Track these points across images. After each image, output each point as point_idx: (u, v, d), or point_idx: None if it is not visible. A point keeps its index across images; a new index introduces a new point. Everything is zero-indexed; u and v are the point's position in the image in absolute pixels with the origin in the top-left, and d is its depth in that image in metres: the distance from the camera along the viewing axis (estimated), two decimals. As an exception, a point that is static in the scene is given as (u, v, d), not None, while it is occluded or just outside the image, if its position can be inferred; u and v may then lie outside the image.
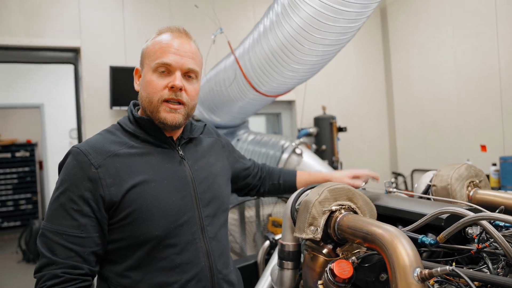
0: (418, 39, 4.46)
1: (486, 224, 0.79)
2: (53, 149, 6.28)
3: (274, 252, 1.75)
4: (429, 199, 1.23)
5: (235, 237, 2.74)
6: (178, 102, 1.05)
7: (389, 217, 1.11)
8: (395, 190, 1.33)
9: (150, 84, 1.04)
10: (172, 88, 1.03)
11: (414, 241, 0.81)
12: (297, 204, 1.14)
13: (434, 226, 0.95)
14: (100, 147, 1.00)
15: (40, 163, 7.25)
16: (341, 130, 4.31)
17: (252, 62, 2.05)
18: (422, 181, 1.33)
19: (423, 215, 0.93)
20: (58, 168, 1.01)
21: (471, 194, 1.19)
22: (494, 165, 3.42)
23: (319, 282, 0.95)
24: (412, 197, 1.28)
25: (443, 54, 4.12)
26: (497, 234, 0.77)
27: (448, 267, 0.69)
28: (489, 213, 0.79)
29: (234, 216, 2.86)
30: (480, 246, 0.84)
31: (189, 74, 1.07)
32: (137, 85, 1.13)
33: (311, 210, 0.99)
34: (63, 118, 6.25)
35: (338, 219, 0.97)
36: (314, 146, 4.07)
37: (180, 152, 1.11)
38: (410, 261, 0.71)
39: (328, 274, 0.89)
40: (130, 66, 3.51)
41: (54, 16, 3.32)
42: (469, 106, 3.86)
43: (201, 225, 1.06)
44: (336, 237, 0.98)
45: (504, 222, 0.85)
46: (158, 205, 0.99)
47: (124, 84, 3.41)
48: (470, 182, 1.21)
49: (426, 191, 1.30)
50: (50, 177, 6.36)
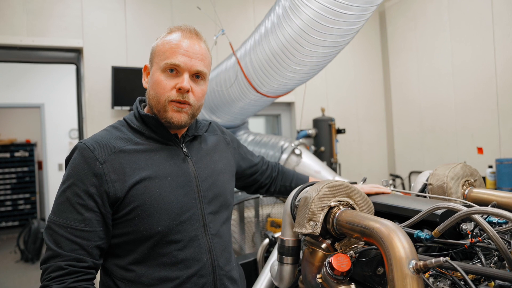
0: (416, 43, 4.50)
1: (479, 218, 0.82)
2: (52, 149, 6.29)
3: (274, 249, 1.78)
4: (425, 197, 1.26)
5: (234, 236, 2.76)
6: (184, 102, 1.06)
7: (386, 213, 1.13)
8: (392, 188, 1.36)
9: (159, 84, 1.05)
10: (179, 89, 1.04)
11: (410, 236, 0.84)
12: (297, 200, 1.17)
13: (430, 222, 0.97)
14: (105, 143, 1.01)
15: (39, 163, 7.26)
16: (339, 132, 4.34)
17: (253, 63, 2.08)
18: (419, 180, 1.36)
19: (419, 212, 0.96)
20: (65, 162, 1.03)
21: (466, 192, 1.22)
22: (491, 167, 3.46)
23: (318, 275, 0.98)
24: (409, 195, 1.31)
25: (441, 58, 4.16)
26: (489, 228, 0.79)
27: (442, 259, 0.71)
28: (481, 207, 0.81)
29: (233, 215, 2.89)
30: (473, 240, 0.87)
31: (197, 75, 1.08)
32: (145, 82, 1.13)
33: (311, 206, 1.01)
34: (63, 118, 6.26)
35: (337, 215, 1.00)
36: (313, 148, 4.10)
37: (184, 149, 1.12)
38: (406, 253, 0.74)
39: (326, 268, 0.92)
40: (132, 67, 3.54)
41: (57, 16, 3.34)
42: (466, 110, 3.90)
43: (203, 221, 1.07)
44: (334, 232, 1.01)
45: (496, 217, 0.88)
46: (161, 201, 1.00)
47: (125, 84, 3.44)
48: (465, 181, 1.24)
49: (423, 190, 1.33)
50: (49, 177, 6.36)
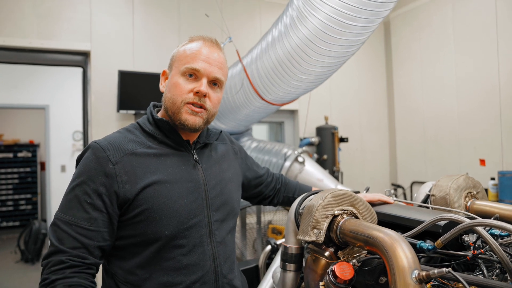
0: (420, 54, 4.52)
1: (482, 231, 0.83)
2: (55, 150, 6.31)
3: (276, 256, 1.78)
4: (427, 208, 1.26)
5: (236, 242, 2.77)
6: (200, 106, 1.08)
7: (389, 223, 1.14)
8: (395, 199, 1.37)
9: (177, 86, 1.07)
10: (197, 93, 1.07)
11: (413, 246, 0.85)
12: (301, 208, 1.18)
13: (432, 233, 0.98)
14: (118, 145, 1.03)
15: (42, 164, 7.29)
16: (342, 140, 4.36)
17: (259, 71, 2.10)
18: (422, 191, 1.37)
19: (422, 222, 0.97)
20: (76, 161, 1.04)
21: (469, 204, 1.23)
22: (493, 179, 3.46)
23: (321, 283, 0.98)
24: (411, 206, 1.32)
25: (445, 69, 4.18)
26: (492, 240, 0.80)
27: (444, 269, 0.72)
28: (484, 219, 0.83)
29: (235, 221, 2.89)
30: (475, 252, 0.88)
31: (214, 82, 1.11)
32: (162, 86, 1.16)
33: (315, 214, 1.02)
34: (67, 120, 6.29)
35: (340, 223, 1.01)
36: (316, 156, 4.11)
37: (195, 155, 1.13)
38: (409, 263, 0.75)
39: (329, 276, 0.93)
40: (138, 71, 3.57)
41: (66, 19, 3.39)
42: (469, 121, 3.91)
43: (209, 228, 1.08)
44: (338, 240, 1.02)
45: (498, 229, 0.89)
46: (170, 205, 1.02)
47: (131, 88, 3.47)
48: (468, 193, 1.25)
49: (425, 201, 1.33)
50: (52, 178, 6.38)
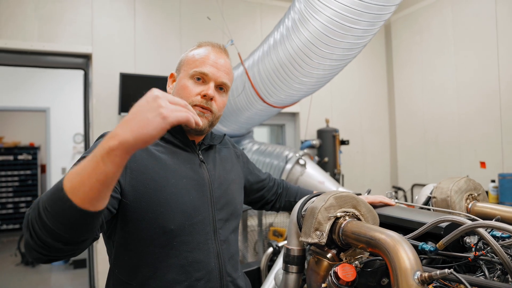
0: (421, 57, 4.54)
1: (483, 232, 0.84)
2: (56, 153, 6.32)
3: (277, 258, 1.79)
4: (429, 210, 1.27)
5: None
6: (206, 108, 1.11)
7: (391, 225, 1.15)
8: (396, 201, 1.37)
9: (185, 88, 1.10)
10: (204, 96, 1.09)
11: (415, 248, 0.85)
12: (303, 210, 1.19)
13: (434, 234, 0.99)
14: None
15: (42, 167, 7.29)
16: (343, 143, 4.36)
17: (261, 73, 2.11)
18: (423, 193, 1.37)
19: (424, 224, 0.98)
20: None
21: (470, 206, 1.23)
22: (493, 181, 3.46)
23: (323, 285, 0.99)
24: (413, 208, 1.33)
25: (445, 71, 4.20)
26: (493, 241, 0.81)
27: (447, 270, 0.73)
28: (485, 221, 0.83)
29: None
30: (477, 253, 0.88)
31: (221, 86, 1.14)
32: (169, 88, 1.19)
33: (317, 216, 1.03)
34: (68, 123, 6.30)
35: (343, 225, 1.01)
36: (317, 158, 4.12)
37: (200, 156, 1.16)
38: (411, 264, 0.75)
39: (332, 277, 0.93)
40: (140, 74, 3.59)
41: (68, 22, 3.40)
42: (469, 124, 3.92)
43: (214, 227, 1.10)
44: (340, 242, 1.02)
45: (500, 231, 0.89)
46: (176, 199, 1.03)
47: (133, 91, 3.48)
48: (469, 195, 1.26)
49: (427, 203, 1.34)
50: (52, 181, 6.38)
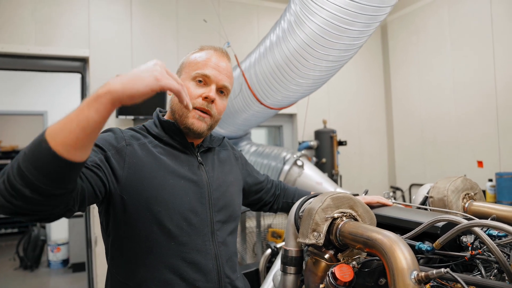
0: (418, 57, 4.55)
1: (479, 231, 0.84)
2: (54, 156, 6.30)
3: (276, 259, 1.79)
4: (426, 210, 1.28)
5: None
6: (206, 112, 1.12)
7: (388, 225, 1.15)
8: (393, 201, 1.38)
9: (186, 90, 1.11)
10: (205, 98, 1.10)
11: (411, 247, 0.86)
12: (300, 211, 1.19)
13: (431, 234, 0.99)
14: (133, 134, 1.08)
15: (40, 170, 7.27)
16: (341, 144, 4.37)
17: (258, 75, 2.12)
18: (420, 193, 1.38)
19: (420, 224, 0.98)
20: None
21: (467, 205, 1.24)
22: (490, 180, 3.48)
23: (321, 285, 0.99)
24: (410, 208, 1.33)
25: (442, 71, 4.21)
26: (489, 241, 0.81)
27: (443, 270, 0.73)
28: (481, 220, 0.84)
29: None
30: (473, 252, 0.89)
31: (221, 90, 1.15)
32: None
33: (314, 217, 1.03)
34: (66, 126, 6.28)
35: (340, 226, 1.02)
36: (315, 159, 4.12)
37: (199, 158, 1.17)
38: (408, 264, 0.76)
39: (329, 278, 0.93)
40: (136, 76, 3.58)
41: (64, 25, 3.40)
42: (466, 124, 3.93)
43: (211, 228, 1.10)
44: (337, 243, 1.02)
45: (495, 230, 0.90)
46: (173, 200, 1.03)
47: (130, 93, 3.47)
48: (465, 194, 1.26)
49: (424, 203, 1.35)
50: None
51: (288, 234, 1.22)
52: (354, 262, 0.99)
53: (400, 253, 0.78)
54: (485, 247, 0.91)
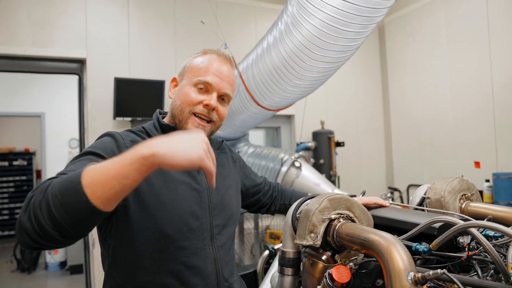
0: (415, 58, 4.57)
1: (476, 232, 0.84)
2: (52, 158, 6.29)
3: (274, 260, 1.79)
4: (423, 211, 1.28)
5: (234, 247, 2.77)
6: (207, 120, 1.12)
7: (385, 226, 1.15)
8: (391, 202, 1.38)
9: (187, 95, 1.11)
10: (206, 106, 1.10)
11: (408, 248, 0.86)
12: (297, 213, 1.19)
13: (428, 235, 0.99)
14: (133, 138, 1.07)
15: (38, 172, 7.25)
16: (339, 145, 4.38)
17: (255, 77, 2.12)
18: (417, 193, 1.38)
19: (417, 225, 0.99)
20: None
21: (463, 206, 1.24)
22: (488, 181, 3.49)
23: (318, 287, 0.99)
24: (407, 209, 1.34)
25: (439, 73, 4.23)
26: (485, 241, 0.82)
27: (440, 271, 0.73)
28: (478, 221, 0.84)
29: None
30: (470, 253, 0.89)
31: (223, 97, 1.15)
32: (171, 92, 1.19)
33: (312, 218, 1.03)
34: (63, 128, 6.27)
35: (337, 227, 1.02)
36: (312, 160, 4.13)
37: None
38: (405, 265, 0.76)
39: (327, 279, 0.93)
40: (134, 78, 3.58)
41: (61, 27, 3.39)
42: (463, 124, 3.95)
43: (211, 232, 1.10)
44: (335, 244, 1.02)
45: (492, 230, 0.90)
46: (174, 204, 1.03)
47: (128, 95, 3.47)
48: (462, 195, 1.26)
49: (421, 204, 1.35)
50: (48, 186, 6.35)
51: (285, 235, 1.22)
52: (351, 263, 0.99)
53: (397, 254, 0.78)
54: (481, 248, 0.91)
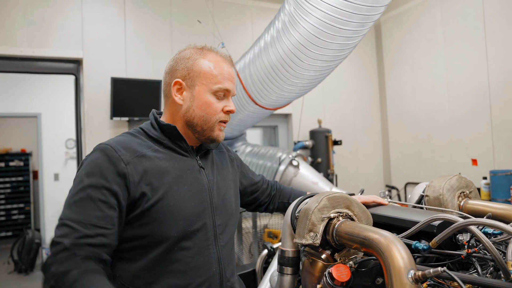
0: (411, 56, 4.58)
1: (475, 230, 0.84)
2: (48, 159, 6.25)
3: (272, 260, 1.79)
4: (422, 209, 1.28)
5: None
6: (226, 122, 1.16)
7: (384, 225, 1.15)
8: (389, 200, 1.38)
9: (210, 106, 1.11)
10: (228, 112, 1.14)
11: (408, 247, 0.86)
12: (297, 212, 1.19)
13: (427, 233, 1.00)
14: (128, 146, 1.03)
15: (34, 173, 7.21)
16: (336, 143, 4.38)
17: (252, 76, 2.12)
18: (416, 191, 1.38)
19: (417, 223, 0.99)
20: (81, 164, 1.02)
21: (462, 204, 1.25)
22: (485, 178, 3.50)
23: (318, 286, 0.99)
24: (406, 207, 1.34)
25: (435, 71, 4.24)
26: (485, 239, 0.82)
27: (440, 268, 0.73)
28: (477, 218, 0.84)
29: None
30: (469, 251, 0.89)
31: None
32: (178, 98, 1.13)
33: (311, 217, 1.03)
34: (60, 128, 6.24)
35: (336, 226, 1.02)
36: (310, 159, 4.13)
37: (199, 161, 1.16)
38: (405, 263, 0.76)
39: (327, 278, 0.93)
40: (131, 78, 3.57)
41: (57, 27, 3.37)
42: (460, 122, 3.96)
43: (214, 232, 1.11)
44: (334, 243, 1.02)
45: (491, 228, 0.90)
46: (178, 207, 1.03)
47: (125, 95, 3.46)
48: (460, 193, 1.27)
49: (419, 201, 1.35)
50: (45, 187, 6.31)
51: (284, 234, 1.21)
52: (351, 262, 0.99)
53: (396, 252, 0.78)
54: (481, 245, 0.91)
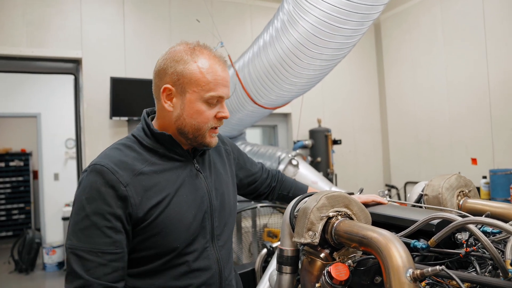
0: (411, 55, 4.57)
1: (474, 228, 0.84)
2: (48, 158, 6.24)
3: (272, 259, 1.79)
4: (421, 208, 1.28)
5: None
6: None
7: (383, 223, 1.15)
8: (389, 199, 1.38)
9: (201, 114, 1.06)
10: (220, 118, 1.10)
11: (407, 245, 0.86)
12: (295, 211, 1.19)
13: (426, 232, 1.00)
14: (125, 165, 1.00)
15: (34, 173, 7.21)
16: (336, 142, 4.38)
17: (251, 75, 2.12)
18: (415, 190, 1.38)
19: (415, 222, 0.98)
20: (79, 185, 1.00)
21: (461, 203, 1.24)
22: (485, 177, 3.50)
23: (317, 285, 0.99)
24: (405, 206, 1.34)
25: (435, 70, 4.23)
26: (484, 237, 0.81)
27: (438, 267, 0.73)
28: (476, 217, 0.84)
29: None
30: (468, 250, 0.89)
31: None
32: (168, 105, 1.07)
33: (310, 216, 1.03)
34: (60, 128, 6.23)
35: (335, 225, 1.02)
36: (310, 158, 4.13)
37: (196, 164, 1.15)
38: (403, 262, 0.76)
39: (325, 277, 0.93)
40: (130, 77, 3.57)
41: (57, 27, 3.37)
42: (460, 121, 3.96)
43: (212, 234, 1.12)
44: (333, 241, 1.02)
45: (490, 226, 0.90)
46: (180, 218, 1.03)
47: (124, 95, 3.45)
48: (460, 192, 1.27)
49: (419, 200, 1.35)
50: (45, 186, 6.31)
51: (283, 233, 1.21)
52: (350, 261, 0.99)
53: (395, 251, 0.78)
54: (479, 244, 0.91)
